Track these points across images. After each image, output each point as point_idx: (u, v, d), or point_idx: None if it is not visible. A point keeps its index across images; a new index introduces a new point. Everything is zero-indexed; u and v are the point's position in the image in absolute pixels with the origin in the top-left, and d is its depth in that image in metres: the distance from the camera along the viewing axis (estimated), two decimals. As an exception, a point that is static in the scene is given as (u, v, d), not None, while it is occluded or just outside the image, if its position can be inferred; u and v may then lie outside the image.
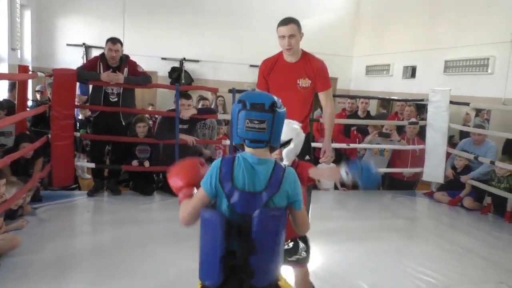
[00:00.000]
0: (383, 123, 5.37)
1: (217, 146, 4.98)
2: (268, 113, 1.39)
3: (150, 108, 7.14)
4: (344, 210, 4.46)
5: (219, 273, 1.37)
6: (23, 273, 2.59)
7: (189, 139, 4.28)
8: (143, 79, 4.22)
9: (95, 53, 8.27)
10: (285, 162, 1.89)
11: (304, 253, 2.04)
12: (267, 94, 1.50)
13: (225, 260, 1.37)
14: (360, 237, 3.59)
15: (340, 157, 5.68)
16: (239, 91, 6.00)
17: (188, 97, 4.34)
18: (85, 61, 8.11)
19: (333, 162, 5.19)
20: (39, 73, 3.62)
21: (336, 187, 5.23)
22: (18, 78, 3.49)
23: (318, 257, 3.04)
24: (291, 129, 1.96)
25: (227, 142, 4.58)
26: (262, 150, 1.43)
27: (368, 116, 5.76)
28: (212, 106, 6.05)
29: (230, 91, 4.51)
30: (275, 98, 1.45)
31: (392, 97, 6.56)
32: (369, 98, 6.14)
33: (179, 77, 8.21)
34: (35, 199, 3.78)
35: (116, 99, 4.13)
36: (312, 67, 2.88)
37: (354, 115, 5.78)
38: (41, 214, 3.62)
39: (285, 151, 1.94)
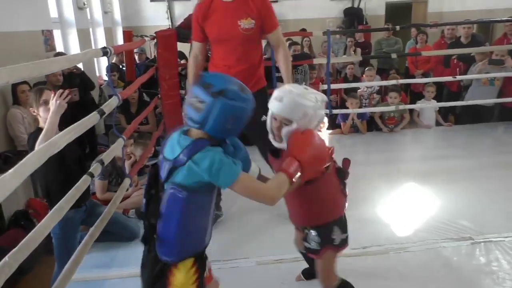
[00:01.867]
0: (493, 49, 4.86)
1: (311, 91, 4.94)
2: (210, 96, 1.28)
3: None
4: (452, 147, 4.25)
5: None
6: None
7: (287, 86, 4.29)
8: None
9: (178, 7, 8.42)
10: (284, 144, 1.52)
11: (314, 244, 1.70)
12: (225, 78, 1.36)
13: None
14: (474, 176, 3.42)
15: (441, 90, 5.35)
16: (334, 32, 5.77)
17: (283, 44, 4.29)
18: (169, 16, 8.33)
19: (434, 98, 4.92)
20: (146, 38, 3.80)
21: (438, 123, 4.98)
22: (132, 47, 3.71)
23: (432, 197, 3.03)
24: (296, 106, 1.48)
25: (324, 86, 4.52)
26: (194, 131, 1.35)
27: (473, 41, 5.22)
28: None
29: (324, 33, 4.35)
30: (232, 86, 1.31)
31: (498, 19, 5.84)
32: (470, 23, 5.49)
33: (260, 20, 8.08)
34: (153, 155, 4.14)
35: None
36: (254, 4, 2.38)
37: (456, 42, 5.30)
38: (163, 168, 3.98)
39: (284, 131, 1.51)
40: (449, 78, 4.86)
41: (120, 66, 5.49)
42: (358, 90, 5.11)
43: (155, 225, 1.41)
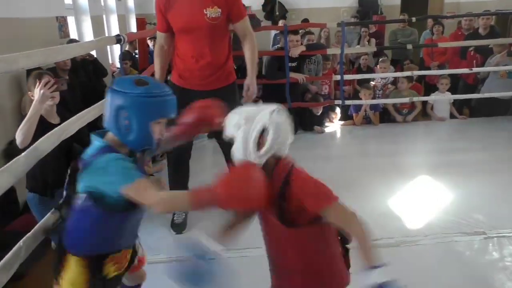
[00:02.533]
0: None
1: (323, 82, 4.90)
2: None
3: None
4: (466, 140, 4.18)
5: None
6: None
7: (299, 77, 4.27)
8: (252, 23, 4.17)
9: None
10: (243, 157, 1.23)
11: None
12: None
13: None
14: (489, 169, 3.36)
15: (456, 82, 5.26)
16: (349, 24, 5.66)
17: (296, 32, 4.25)
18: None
19: (449, 90, 4.83)
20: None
21: (452, 116, 4.91)
22: (145, 34, 3.69)
23: (445, 191, 3.00)
24: (236, 117, 1.24)
25: (338, 77, 4.47)
26: (108, 135, 1.31)
27: (491, 33, 5.09)
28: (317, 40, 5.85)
29: (339, 24, 4.29)
30: (126, 78, 1.31)
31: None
32: (489, 14, 5.36)
33: (273, 9, 8.01)
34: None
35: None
36: None
37: (474, 34, 5.18)
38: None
39: (234, 149, 1.24)
40: (465, 70, 4.77)
41: (133, 54, 5.49)
42: (372, 82, 5.04)
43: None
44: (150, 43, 5.57)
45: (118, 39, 2.37)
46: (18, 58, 1.35)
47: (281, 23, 6.61)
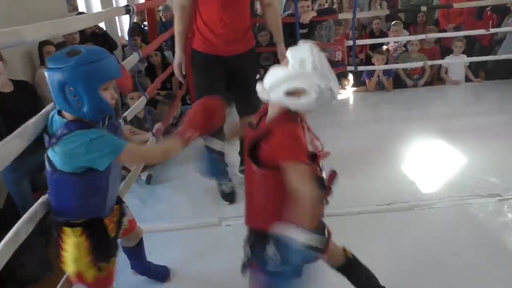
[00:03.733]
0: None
1: (336, 48, 4.81)
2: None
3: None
4: (483, 104, 4.10)
5: None
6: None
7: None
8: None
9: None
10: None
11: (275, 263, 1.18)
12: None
13: None
14: (505, 132, 3.31)
15: (472, 44, 5.11)
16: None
17: (307, -3, 4.14)
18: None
19: (464, 52, 4.70)
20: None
21: (468, 79, 4.80)
22: (154, 5, 3.61)
23: (460, 154, 2.98)
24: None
25: (350, 42, 4.38)
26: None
27: (510, -9, 4.89)
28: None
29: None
30: (58, 53, 1.25)
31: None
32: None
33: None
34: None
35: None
36: None
37: (491, -8, 4.98)
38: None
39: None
40: (481, 31, 4.62)
41: (142, 26, 5.44)
42: (387, 45, 4.92)
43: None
44: (161, 15, 5.48)
45: (127, 10, 2.34)
46: (27, 30, 1.35)
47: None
